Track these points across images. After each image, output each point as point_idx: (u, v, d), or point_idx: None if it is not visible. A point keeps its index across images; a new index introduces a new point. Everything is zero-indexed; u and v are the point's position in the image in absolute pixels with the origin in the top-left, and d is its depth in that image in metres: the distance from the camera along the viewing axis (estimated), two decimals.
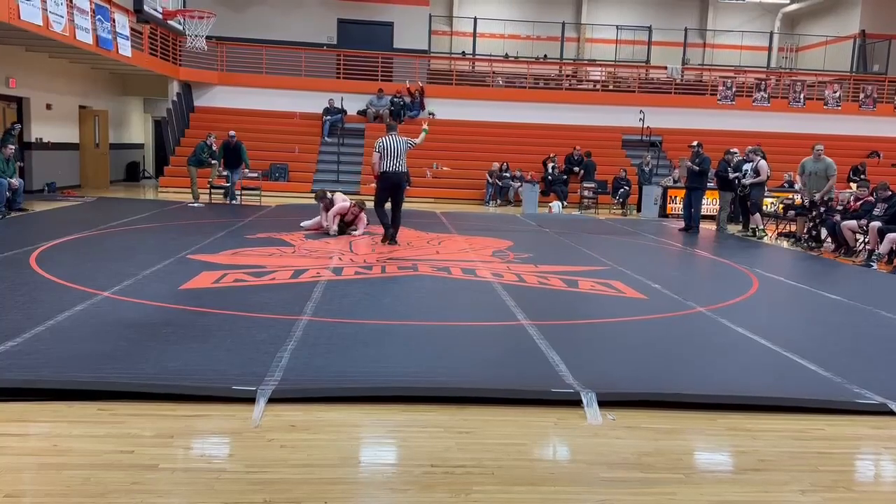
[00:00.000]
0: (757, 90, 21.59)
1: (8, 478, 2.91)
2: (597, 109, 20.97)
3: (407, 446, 3.38)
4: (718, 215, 13.65)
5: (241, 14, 21.24)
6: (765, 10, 26.69)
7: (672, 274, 8.92)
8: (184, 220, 11.58)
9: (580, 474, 3.18)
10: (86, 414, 3.55)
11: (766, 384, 4.39)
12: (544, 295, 6.80)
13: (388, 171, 9.20)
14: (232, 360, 4.34)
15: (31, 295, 5.86)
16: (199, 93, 20.34)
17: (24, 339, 4.51)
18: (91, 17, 13.61)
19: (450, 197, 17.77)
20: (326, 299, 6.09)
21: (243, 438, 3.36)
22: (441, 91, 21.07)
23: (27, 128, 14.97)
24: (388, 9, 21.98)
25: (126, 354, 4.34)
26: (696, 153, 13.01)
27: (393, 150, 9.16)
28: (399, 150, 9.20)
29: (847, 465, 3.45)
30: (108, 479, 2.92)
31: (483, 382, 4.15)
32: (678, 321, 6.00)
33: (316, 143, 19.40)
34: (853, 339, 5.73)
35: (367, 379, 4.10)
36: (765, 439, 3.62)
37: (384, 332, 5.18)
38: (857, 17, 24.00)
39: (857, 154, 20.28)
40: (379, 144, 9.25)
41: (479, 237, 10.81)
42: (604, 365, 4.66)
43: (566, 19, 25.38)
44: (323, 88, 20.02)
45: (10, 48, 13.74)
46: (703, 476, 3.25)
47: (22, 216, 11.39)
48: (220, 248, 8.59)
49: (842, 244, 10.84)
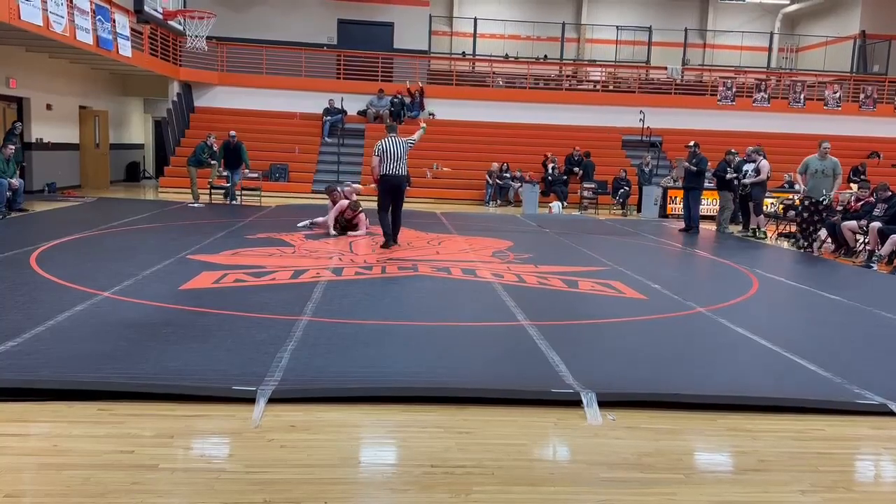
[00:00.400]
0: (757, 91, 21.59)
1: (8, 478, 2.91)
2: (597, 110, 20.98)
3: (407, 446, 3.38)
4: (719, 215, 13.57)
5: (242, 14, 21.25)
6: (765, 10, 26.70)
7: (672, 274, 8.92)
8: (184, 221, 11.58)
9: (580, 474, 3.18)
10: (86, 414, 3.55)
11: (766, 384, 4.39)
12: (544, 295, 6.80)
13: (388, 175, 9.00)
14: (232, 360, 4.34)
15: (32, 295, 5.86)
16: (199, 93, 20.35)
17: (24, 340, 4.51)
18: (91, 18, 13.62)
19: (450, 197, 17.78)
20: (326, 300, 6.09)
21: (243, 438, 3.36)
22: (441, 91, 21.08)
23: (27, 128, 14.97)
24: (389, 9, 21.99)
25: (126, 354, 4.34)
26: (692, 153, 13.03)
27: (393, 153, 8.95)
28: (399, 152, 9.00)
29: (847, 465, 3.45)
30: (108, 479, 2.92)
31: (483, 383, 4.15)
32: (678, 321, 6.00)
33: (316, 143, 19.40)
34: (853, 339, 5.73)
35: (367, 379, 4.10)
36: (765, 440, 3.62)
37: (384, 333, 5.18)
38: (857, 17, 24.01)
39: (858, 154, 20.28)
40: (378, 147, 9.04)
41: (479, 237, 10.81)
42: (604, 365, 4.65)
43: (566, 20, 25.39)
44: (323, 89, 20.03)
45: (11, 48, 13.74)
46: (703, 476, 3.25)
47: (22, 216, 11.39)
48: (220, 249, 8.59)
49: (842, 245, 10.83)
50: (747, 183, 12.76)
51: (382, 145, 9.00)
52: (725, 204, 13.31)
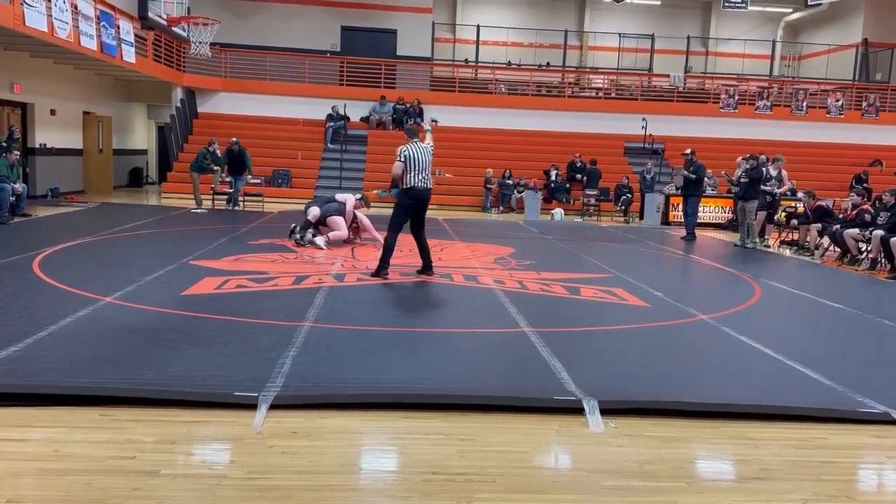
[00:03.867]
0: (759, 98, 21.60)
1: (9, 483, 2.91)
2: (599, 117, 21.00)
3: (408, 453, 3.38)
4: (746, 227, 12.09)
5: (245, 21, 21.32)
6: (767, 18, 26.75)
7: (674, 282, 8.91)
8: (186, 226, 11.59)
9: (582, 482, 3.17)
10: (87, 419, 3.55)
11: (769, 392, 4.38)
12: (546, 302, 6.80)
13: (416, 188, 7.55)
14: (234, 366, 4.34)
15: (34, 300, 5.87)
16: (202, 99, 20.40)
17: (27, 345, 4.51)
18: (96, 24, 13.68)
19: (452, 203, 17.79)
20: (328, 306, 6.09)
21: (245, 445, 3.36)
22: (444, 98, 21.13)
23: (31, 133, 15.02)
24: (392, 16, 22.06)
25: (128, 360, 4.34)
26: (689, 161, 13.02)
27: (420, 162, 7.53)
28: (427, 161, 7.62)
29: (850, 474, 3.44)
30: (110, 484, 2.92)
31: (485, 389, 4.14)
32: (680, 329, 5.99)
33: (319, 149, 19.43)
34: (856, 347, 5.72)
35: (369, 386, 4.10)
36: (767, 448, 3.61)
37: (386, 339, 5.18)
38: (860, 25, 24.05)
39: (860, 162, 20.27)
40: (405, 154, 7.54)
41: (481, 244, 10.81)
42: (606, 373, 4.65)
43: (569, 27, 25.46)
44: (326, 95, 20.08)
45: (16, 54, 13.80)
46: (704, 484, 3.24)
47: (25, 221, 11.41)
48: (222, 254, 8.59)
49: (846, 252, 10.81)
50: (776, 192, 12.67)
51: (409, 152, 7.53)
52: (751, 217, 11.97)
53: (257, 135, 18.93)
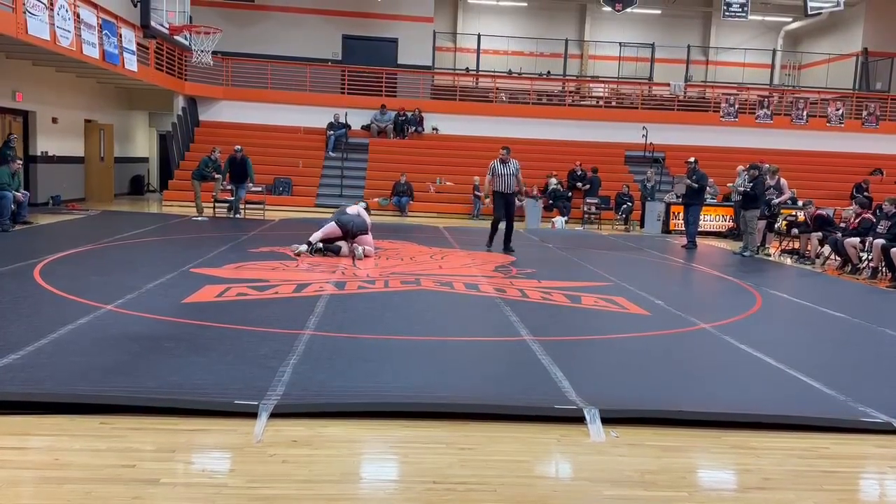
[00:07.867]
0: (759, 107, 21.64)
1: (8, 491, 2.90)
2: (600, 126, 21.04)
3: (409, 462, 3.37)
4: (748, 237, 12.12)
5: (247, 30, 21.41)
6: (767, 27, 26.83)
7: (675, 290, 8.90)
8: (187, 234, 11.60)
9: (583, 492, 3.16)
10: (87, 428, 3.54)
11: (770, 402, 4.37)
12: (547, 310, 6.79)
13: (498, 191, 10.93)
14: (234, 374, 4.33)
15: (35, 308, 5.87)
16: (204, 107, 20.45)
17: (27, 352, 4.51)
18: (98, 32, 13.73)
19: (453, 212, 17.80)
20: (329, 314, 6.08)
21: (245, 453, 3.35)
22: (444, 107, 21.18)
23: (33, 141, 15.06)
24: (393, 25, 22.14)
25: (128, 368, 4.33)
26: (692, 170, 13.03)
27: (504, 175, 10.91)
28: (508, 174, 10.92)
29: (852, 484, 3.43)
30: (109, 493, 2.91)
31: (485, 398, 4.13)
32: (681, 338, 5.98)
33: (320, 157, 19.46)
34: (858, 357, 5.71)
35: (370, 394, 4.09)
36: (769, 458, 3.60)
37: (386, 347, 5.17)
38: (860, 34, 24.12)
39: (861, 171, 20.28)
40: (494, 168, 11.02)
41: (481, 252, 10.81)
42: (607, 381, 4.64)
43: (569, 36, 25.55)
44: (327, 104, 20.13)
45: (18, 62, 13.84)
46: (706, 494, 3.23)
47: (26, 229, 11.42)
48: (223, 262, 8.59)
49: (847, 261, 10.81)
50: (776, 202, 12.69)
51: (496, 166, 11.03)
52: (753, 226, 11.99)
53: (258, 143, 18.96)
